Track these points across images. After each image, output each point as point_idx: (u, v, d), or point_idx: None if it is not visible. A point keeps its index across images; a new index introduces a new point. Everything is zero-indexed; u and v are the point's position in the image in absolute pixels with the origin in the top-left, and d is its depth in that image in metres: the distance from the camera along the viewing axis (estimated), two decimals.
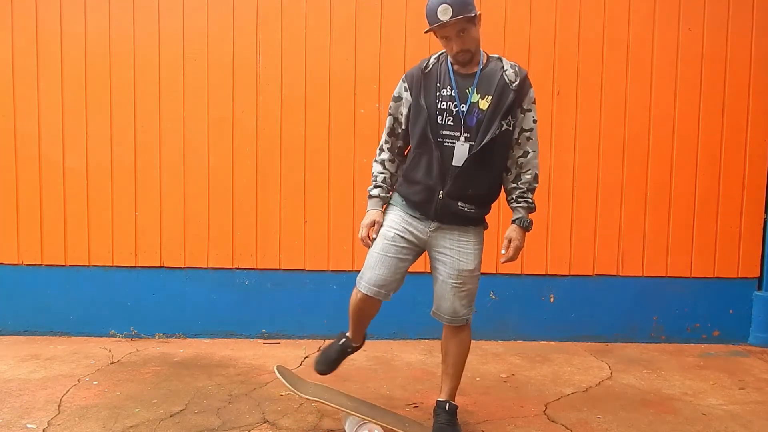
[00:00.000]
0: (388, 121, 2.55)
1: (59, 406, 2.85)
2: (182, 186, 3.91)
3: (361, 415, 2.51)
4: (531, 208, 2.52)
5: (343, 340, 2.74)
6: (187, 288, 3.94)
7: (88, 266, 3.94)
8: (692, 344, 3.96)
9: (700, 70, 3.89)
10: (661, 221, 3.94)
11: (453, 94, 2.40)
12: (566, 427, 2.71)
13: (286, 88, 3.88)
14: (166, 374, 3.28)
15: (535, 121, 2.46)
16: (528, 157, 2.47)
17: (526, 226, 2.51)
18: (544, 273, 3.95)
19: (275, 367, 2.69)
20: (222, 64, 3.87)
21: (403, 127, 2.51)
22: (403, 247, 2.47)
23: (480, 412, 2.86)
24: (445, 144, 2.40)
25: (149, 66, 3.87)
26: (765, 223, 3.97)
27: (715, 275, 3.96)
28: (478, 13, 2.35)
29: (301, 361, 3.52)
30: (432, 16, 2.32)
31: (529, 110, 2.45)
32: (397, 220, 2.49)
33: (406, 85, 2.49)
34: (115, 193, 3.91)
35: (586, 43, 3.87)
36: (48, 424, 2.66)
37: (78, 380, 3.17)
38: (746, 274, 3.97)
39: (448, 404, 2.55)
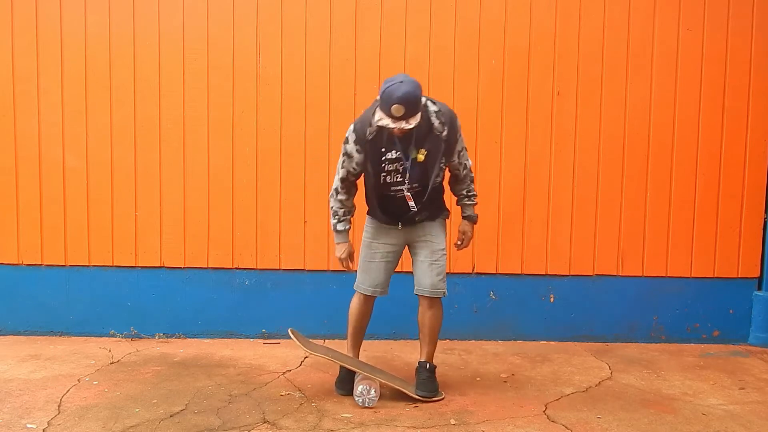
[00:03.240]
0: (342, 172, 2.92)
1: (59, 406, 2.85)
2: (182, 186, 3.91)
3: (361, 371, 2.97)
4: (475, 203, 3.10)
5: (349, 360, 3.07)
6: (187, 288, 3.94)
7: (88, 266, 3.94)
8: (692, 344, 3.96)
9: (700, 70, 3.89)
10: (661, 221, 3.94)
11: (398, 155, 2.82)
12: (566, 427, 2.71)
13: (286, 88, 3.88)
14: (166, 374, 3.28)
15: (463, 140, 2.94)
16: (467, 168, 3.02)
17: (474, 221, 3.11)
18: (544, 273, 3.95)
19: (289, 329, 3.08)
20: (222, 64, 3.87)
21: (354, 175, 2.94)
22: (387, 253, 3.01)
23: (480, 412, 2.86)
24: (397, 196, 2.88)
25: (149, 66, 3.87)
26: (765, 223, 3.97)
27: (715, 275, 3.96)
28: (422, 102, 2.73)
29: (301, 361, 3.52)
30: (386, 107, 2.64)
31: (459, 136, 2.90)
32: (375, 233, 3.02)
33: (358, 147, 2.85)
34: (115, 193, 3.91)
35: (586, 43, 3.87)
36: (48, 424, 2.66)
37: (78, 380, 3.18)
38: (746, 274, 3.96)
39: (428, 364, 3.03)
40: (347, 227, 3.01)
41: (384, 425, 2.70)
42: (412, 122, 2.64)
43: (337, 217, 3.00)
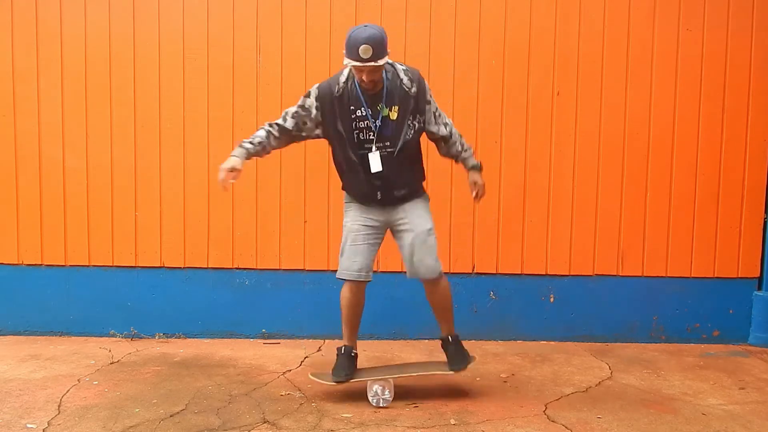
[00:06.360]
0: (291, 121, 2.87)
1: (59, 406, 2.85)
2: (182, 186, 3.91)
3: (398, 375, 2.99)
4: (473, 153, 3.03)
5: (344, 348, 3.01)
6: (187, 288, 3.94)
7: (88, 266, 3.94)
8: (692, 344, 3.96)
9: (700, 70, 3.89)
10: (661, 221, 3.94)
11: (366, 114, 2.80)
12: (566, 427, 2.71)
13: (286, 88, 3.88)
14: (166, 374, 3.28)
15: (435, 103, 2.93)
16: (449, 128, 2.95)
17: (480, 168, 3.01)
18: (544, 273, 3.95)
19: (310, 374, 3.08)
20: (222, 64, 3.87)
21: (302, 134, 2.90)
22: (368, 234, 2.91)
23: (480, 412, 2.86)
24: (367, 155, 2.82)
25: (149, 66, 3.87)
26: (765, 223, 3.97)
27: (715, 275, 3.96)
28: (389, 52, 2.74)
29: (301, 361, 3.52)
30: (353, 51, 2.64)
31: (431, 99, 2.90)
32: (356, 214, 2.94)
33: (318, 104, 2.83)
34: (115, 193, 3.91)
35: (586, 43, 3.87)
36: (48, 424, 2.66)
37: (78, 380, 3.18)
38: (746, 274, 3.96)
39: (449, 337, 3.03)
40: (251, 150, 2.84)
41: (384, 425, 2.70)
42: (381, 62, 2.66)
43: (253, 139, 2.86)
